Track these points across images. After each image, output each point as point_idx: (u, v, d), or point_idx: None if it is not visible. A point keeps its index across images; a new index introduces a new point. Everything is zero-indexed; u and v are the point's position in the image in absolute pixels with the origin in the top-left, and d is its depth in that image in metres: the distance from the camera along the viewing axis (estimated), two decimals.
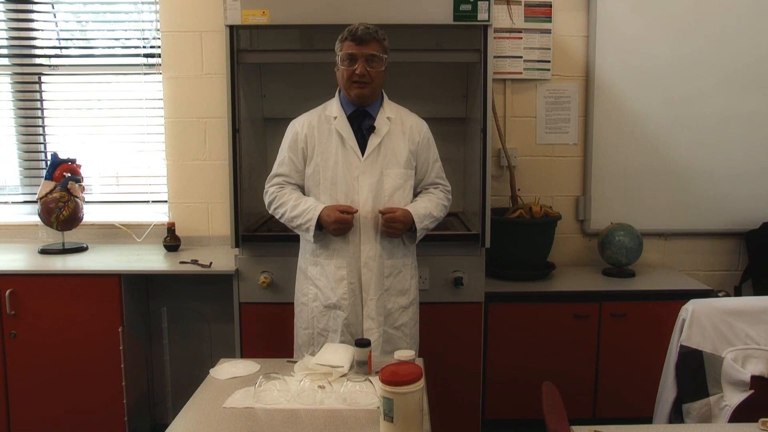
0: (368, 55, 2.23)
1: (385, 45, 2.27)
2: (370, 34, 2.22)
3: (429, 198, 2.39)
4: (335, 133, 2.31)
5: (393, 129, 2.34)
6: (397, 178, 2.32)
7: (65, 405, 2.85)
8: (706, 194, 3.38)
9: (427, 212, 2.33)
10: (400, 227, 2.26)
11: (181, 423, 1.63)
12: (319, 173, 2.32)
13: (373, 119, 2.33)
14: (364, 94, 2.27)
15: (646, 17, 3.27)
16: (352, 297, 2.30)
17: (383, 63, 2.27)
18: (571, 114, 3.36)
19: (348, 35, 2.24)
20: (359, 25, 2.25)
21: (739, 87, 3.31)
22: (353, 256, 2.29)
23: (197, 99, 3.30)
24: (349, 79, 2.25)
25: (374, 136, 2.31)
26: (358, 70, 2.22)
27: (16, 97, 3.45)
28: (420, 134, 2.39)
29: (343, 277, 2.30)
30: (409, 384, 1.49)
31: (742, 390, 1.80)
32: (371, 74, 2.24)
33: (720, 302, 1.96)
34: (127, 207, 3.49)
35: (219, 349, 3.11)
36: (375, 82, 2.27)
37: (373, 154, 2.30)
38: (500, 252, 3.08)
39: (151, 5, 3.34)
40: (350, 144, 2.30)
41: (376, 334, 2.30)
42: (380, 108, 2.36)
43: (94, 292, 2.81)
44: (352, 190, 2.28)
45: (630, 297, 3.02)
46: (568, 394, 2.05)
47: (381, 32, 2.27)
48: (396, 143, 2.33)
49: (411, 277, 2.40)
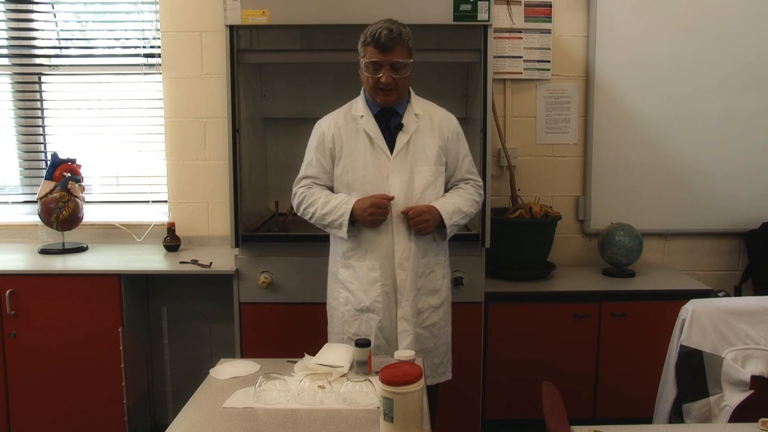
0: (393, 62, 2.15)
1: (410, 46, 2.19)
2: (394, 40, 2.13)
3: (458, 193, 2.34)
4: (363, 133, 2.25)
5: (421, 125, 2.28)
6: (428, 175, 2.26)
7: (65, 405, 2.85)
8: (706, 194, 3.38)
9: (456, 208, 2.27)
10: (429, 219, 2.20)
11: (181, 423, 1.63)
12: (348, 174, 2.26)
13: (400, 116, 2.27)
14: (390, 100, 2.22)
15: (647, 17, 3.27)
16: (386, 299, 2.24)
17: (409, 67, 2.20)
18: (571, 114, 3.36)
19: (371, 40, 2.15)
20: (382, 27, 2.14)
21: (739, 87, 3.31)
22: (387, 256, 2.23)
23: (197, 99, 3.30)
24: (375, 86, 2.19)
25: (402, 134, 2.25)
26: (383, 78, 2.15)
27: (16, 97, 3.45)
28: (449, 129, 2.33)
29: (376, 279, 2.24)
30: (409, 384, 1.49)
31: (742, 390, 1.80)
32: (397, 81, 2.17)
33: (720, 302, 1.96)
34: (127, 207, 3.49)
35: (219, 349, 3.11)
36: (401, 87, 2.21)
37: (402, 152, 2.24)
38: (500, 252, 3.08)
39: (151, 5, 3.34)
40: (378, 143, 2.24)
41: (411, 336, 2.25)
42: (408, 105, 2.30)
43: (94, 292, 2.81)
44: (382, 189, 2.22)
45: (630, 297, 3.02)
46: (568, 394, 2.05)
47: (405, 32, 2.18)
48: (425, 140, 2.27)
49: (443, 276, 2.36)
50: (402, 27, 2.17)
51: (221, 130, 3.12)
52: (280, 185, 3.22)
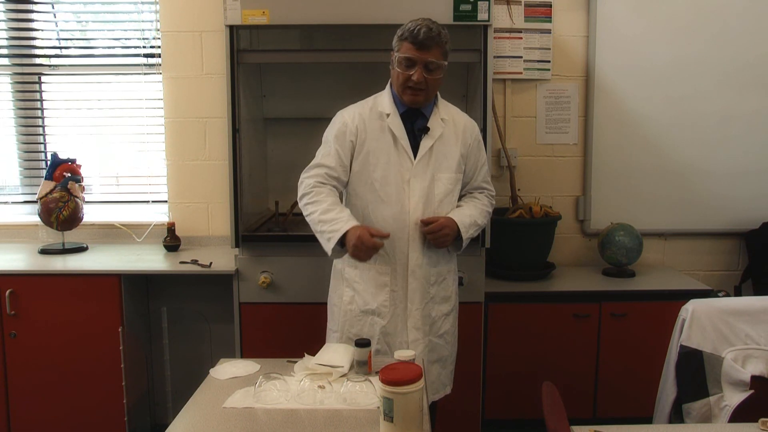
0: (428, 61, 2.08)
1: (446, 49, 2.12)
2: (432, 39, 2.05)
3: (474, 204, 2.29)
4: (387, 131, 2.17)
5: (446, 131, 2.21)
6: (448, 183, 2.21)
7: (65, 405, 2.85)
8: (706, 194, 3.38)
9: (472, 221, 2.23)
10: (449, 233, 2.16)
11: (181, 423, 1.63)
12: (368, 172, 2.17)
13: (426, 119, 2.20)
14: (418, 101, 2.15)
15: (646, 17, 3.27)
16: (393, 305, 2.20)
17: (443, 69, 2.12)
18: (571, 114, 3.36)
19: (408, 35, 2.07)
20: (422, 25, 2.07)
21: (739, 87, 3.31)
22: (400, 263, 2.18)
23: (197, 99, 3.30)
24: (404, 83, 2.11)
25: (427, 138, 2.17)
26: (415, 76, 2.08)
27: (16, 97, 3.45)
28: (472, 137, 2.27)
29: (385, 284, 2.19)
30: (409, 384, 1.49)
31: (742, 390, 1.80)
32: (428, 81, 2.10)
33: (720, 302, 1.96)
34: (127, 207, 3.49)
35: (219, 349, 3.11)
36: (431, 89, 2.14)
37: (425, 157, 2.17)
38: (500, 252, 3.08)
39: (151, 5, 3.34)
40: (402, 144, 2.16)
41: (422, 345, 2.22)
42: (434, 108, 2.23)
43: (94, 292, 2.81)
44: (402, 193, 2.16)
45: (630, 297, 3.02)
46: (568, 394, 2.06)
47: (444, 34, 2.10)
48: (448, 146, 2.21)
49: (454, 282, 2.34)
50: (441, 28, 2.10)
51: (221, 130, 3.12)
52: (280, 185, 3.23)
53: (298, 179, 2.25)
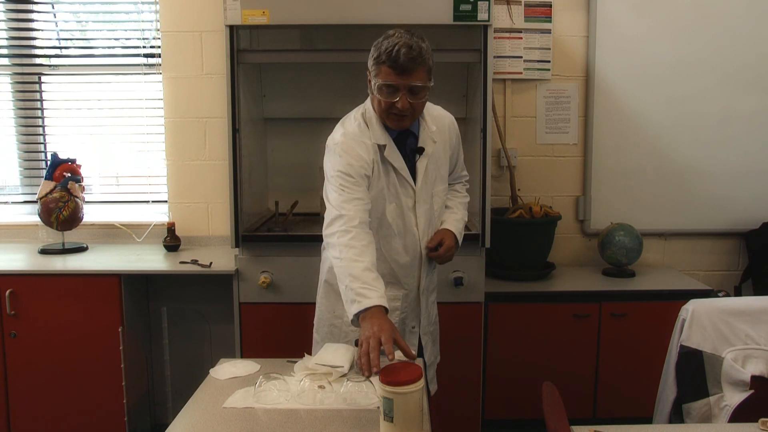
0: (412, 86, 1.86)
1: (430, 65, 1.89)
2: (414, 61, 1.82)
3: (458, 201, 2.28)
4: (387, 162, 2.01)
5: (437, 144, 2.10)
6: (443, 194, 2.17)
7: (65, 405, 2.85)
8: (706, 194, 3.38)
9: (462, 224, 2.23)
10: (452, 246, 2.14)
11: (181, 423, 1.63)
12: (381, 206, 2.03)
13: (416, 138, 2.05)
14: (403, 125, 1.98)
15: (647, 17, 3.27)
16: (401, 325, 2.14)
17: (428, 91, 1.92)
18: (571, 114, 3.36)
19: (386, 59, 1.82)
20: (401, 44, 1.81)
21: (739, 87, 3.31)
22: (411, 286, 2.13)
23: (197, 99, 3.30)
24: (387, 110, 1.91)
25: (422, 159, 2.06)
26: (399, 104, 1.87)
27: (16, 97, 3.45)
28: (454, 134, 2.18)
29: (396, 308, 2.10)
30: (409, 384, 1.49)
31: (742, 390, 1.80)
32: (414, 105, 1.90)
33: (720, 302, 1.96)
34: (127, 207, 3.49)
35: (219, 349, 3.11)
36: (417, 112, 1.95)
37: (424, 179, 2.07)
38: (500, 252, 3.08)
39: (151, 5, 3.34)
40: (403, 174, 2.03)
41: (431, 343, 2.24)
42: (422, 122, 2.06)
43: (94, 292, 2.81)
44: (410, 222, 2.07)
45: (630, 297, 3.02)
46: (568, 394, 2.05)
47: (426, 48, 1.87)
48: (440, 158, 2.12)
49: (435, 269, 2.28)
50: (422, 42, 1.87)
51: (221, 130, 3.12)
52: (280, 185, 3.23)
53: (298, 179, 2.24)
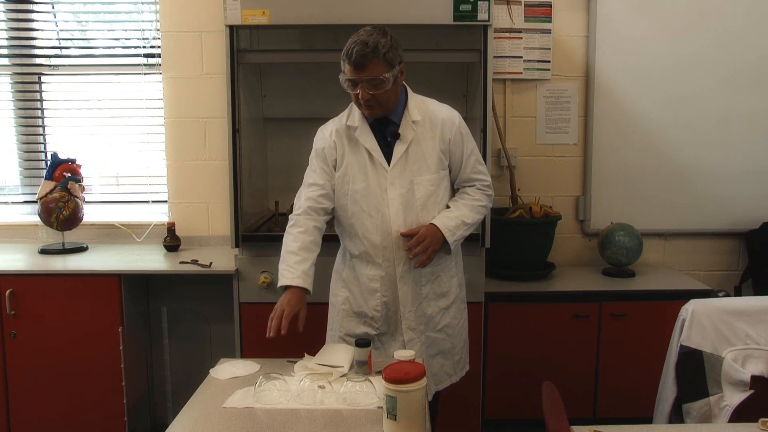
0: (368, 79, 2.01)
1: (388, 58, 2.01)
2: (366, 57, 1.97)
3: (463, 202, 2.23)
4: (359, 143, 2.16)
5: (420, 132, 2.16)
6: (428, 185, 2.16)
7: (65, 405, 2.85)
8: (706, 194, 3.38)
9: (459, 222, 2.16)
10: (431, 243, 2.10)
11: (181, 423, 1.63)
12: (348, 185, 2.16)
13: (396, 125, 2.15)
14: (375, 114, 2.11)
15: (647, 17, 3.28)
16: (385, 309, 2.20)
17: (389, 81, 2.03)
18: (571, 114, 3.36)
19: (345, 56, 2.02)
20: (357, 42, 2.00)
21: (739, 87, 3.31)
22: (387, 270, 2.17)
23: (197, 99, 3.30)
24: (357, 101, 2.09)
25: (399, 144, 2.13)
26: (360, 96, 2.04)
27: (16, 97, 3.45)
28: (451, 130, 2.18)
29: (376, 290, 2.19)
30: (412, 382, 1.50)
31: (742, 390, 1.80)
32: (377, 96, 2.04)
33: (720, 302, 1.96)
34: (127, 207, 3.49)
35: (219, 349, 3.11)
36: (384, 102, 2.08)
37: (399, 164, 2.14)
38: (500, 252, 3.08)
39: (151, 5, 3.34)
40: (375, 155, 2.14)
41: (419, 344, 2.21)
42: (404, 110, 2.17)
43: (94, 292, 2.81)
44: (381, 203, 2.14)
45: (630, 297, 3.02)
46: (568, 394, 2.05)
47: (383, 44, 2.00)
48: (425, 147, 2.15)
49: (451, 277, 2.29)
50: (380, 38, 2.01)
51: (221, 130, 3.12)
52: (280, 185, 3.23)
53: (298, 179, 2.25)
